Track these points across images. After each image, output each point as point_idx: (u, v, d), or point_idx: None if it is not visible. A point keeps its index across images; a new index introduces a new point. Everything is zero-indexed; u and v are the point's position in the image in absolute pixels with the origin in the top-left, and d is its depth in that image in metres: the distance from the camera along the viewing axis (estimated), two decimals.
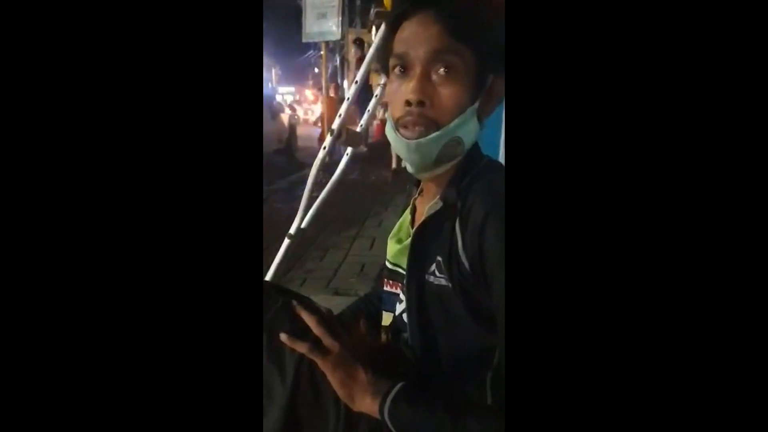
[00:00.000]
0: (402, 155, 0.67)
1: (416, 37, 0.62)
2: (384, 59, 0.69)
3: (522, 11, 0.43)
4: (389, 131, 0.67)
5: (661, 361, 0.38)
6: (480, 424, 0.55)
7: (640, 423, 0.38)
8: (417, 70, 0.62)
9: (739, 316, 0.37)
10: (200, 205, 0.44)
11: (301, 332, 0.65)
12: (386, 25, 0.68)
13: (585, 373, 0.40)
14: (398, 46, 0.64)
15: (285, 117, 8.49)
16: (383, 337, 0.78)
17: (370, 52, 1.38)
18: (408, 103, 0.63)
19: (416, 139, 0.63)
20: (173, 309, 0.43)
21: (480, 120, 0.67)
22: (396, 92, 0.65)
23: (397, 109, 0.65)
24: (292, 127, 7.83)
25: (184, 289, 0.43)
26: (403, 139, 0.64)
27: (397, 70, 0.65)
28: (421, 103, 0.62)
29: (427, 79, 0.62)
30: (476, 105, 0.64)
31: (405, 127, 0.64)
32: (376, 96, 1.50)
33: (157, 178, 0.43)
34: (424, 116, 0.62)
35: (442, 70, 0.62)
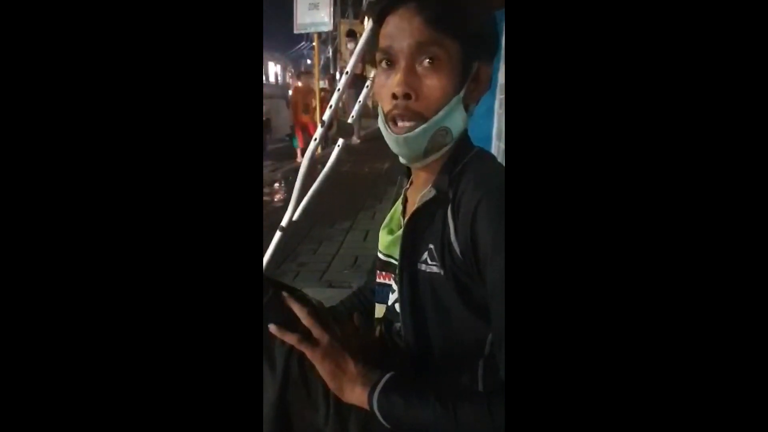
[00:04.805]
0: (392, 148, 0.68)
1: (399, 30, 0.63)
2: (371, 53, 0.69)
3: (522, 4, 0.43)
4: (380, 123, 0.68)
5: (662, 360, 0.38)
6: (471, 411, 0.55)
7: (639, 417, 0.38)
8: (402, 63, 0.63)
9: (739, 315, 0.37)
10: (200, 198, 0.44)
11: (290, 324, 0.65)
12: (371, 20, 0.69)
13: (585, 360, 0.40)
14: (383, 41, 0.65)
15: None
16: (377, 329, 0.78)
17: (359, 45, 1.37)
18: (394, 96, 0.63)
19: (404, 133, 0.64)
20: (172, 303, 0.43)
21: (467, 107, 0.67)
22: (383, 86, 0.66)
23: (386, 103, 0.66)
24: None
25: (183, 283, 0.43)
26: (392, 133, 0.65)
27: (383, 63, 0.66)
28: (407, 96, 0.63)
29: (412, 72, 0.63)
30: (462, 93, 0.65)
31: (393, 121, 0.65)
32: (368, 87, 1.50)
33: (158, 173, 0.43)
34: (410, 109, 0.63)
35: (426, 61, 0.63)
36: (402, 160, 0.70)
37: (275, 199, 4.20)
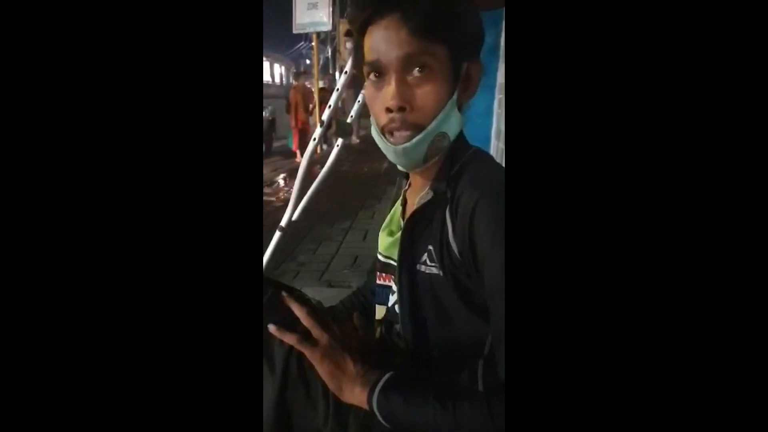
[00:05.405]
0: (391, 158, 0.67)
1: (387, 42, 0.61)
2: (358, 65, 0.68)
3: (522, 4, 0.43)
4: (375, 135, 0.67)
5: (662, 359, 0.38)
6: (471, 411, 0.55)
7: (639, 416, 0.38)
8: (392, 75, 0.62)
9: (739, 312, 0.37)
10: (200, 197, 0.44)
11: (290, 324, 0.65)
12: (354, 32, 0.67)
13: (584, 359, 0.40)
14: (369, 54, 0.63)
15: None
16: (377, 330, 0.78)
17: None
18: (389, 110, 0.62)
19: (403, 144, 0.63)
20: (171, 303, 0.43)
21: (460, 108, 0.67)
22: (375, 99, 0.65)
23: (380, 117, 0.64)
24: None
25: (183, 282, 0.43)
26: (390, 144, 0.65)
27: (372, 76, 0.64)
28: (401, 109, 0.62)
29: (404, 84, 0.62)
30: (455, 96, 0.64)
31: (390, 133, 0.64)
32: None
33: (158, 173, 0.43)
34: (407, 122, 0.62)
35: (417, 71, 0.61)
36: (400, 167, 0.70)
37: (277, 198, 4.21)
